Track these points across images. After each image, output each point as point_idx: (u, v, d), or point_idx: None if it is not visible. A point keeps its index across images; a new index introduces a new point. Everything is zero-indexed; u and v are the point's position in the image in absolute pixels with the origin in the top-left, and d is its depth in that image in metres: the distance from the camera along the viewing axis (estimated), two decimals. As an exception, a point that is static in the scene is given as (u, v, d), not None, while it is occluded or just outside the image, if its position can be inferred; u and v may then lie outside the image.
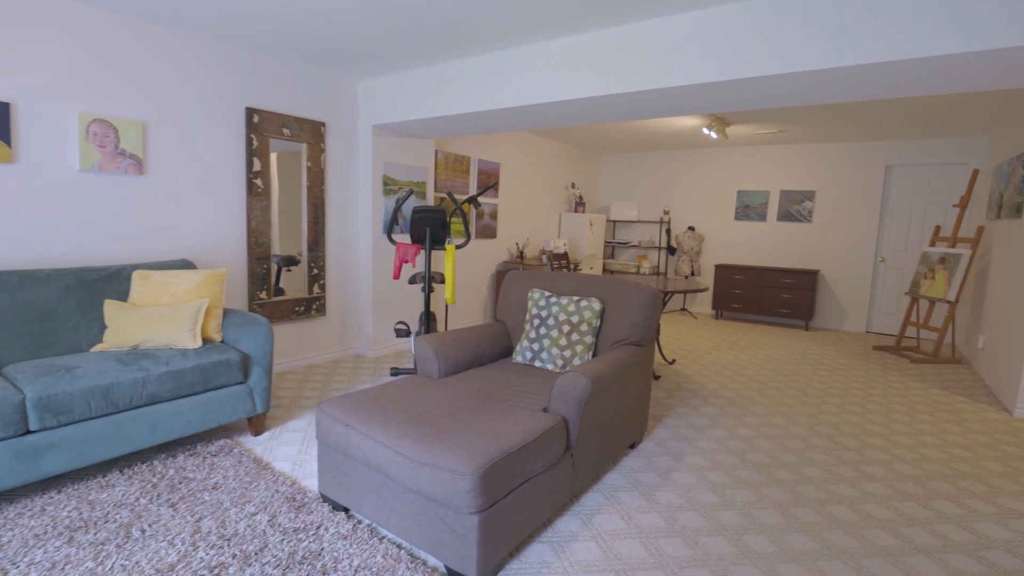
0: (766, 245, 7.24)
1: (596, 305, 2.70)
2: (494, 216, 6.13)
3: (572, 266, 6.81)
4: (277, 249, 3.99)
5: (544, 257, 4.72)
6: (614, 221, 8.27)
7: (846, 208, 6.67)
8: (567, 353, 2.69)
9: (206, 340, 2.86)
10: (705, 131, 5.27)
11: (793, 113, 5.12)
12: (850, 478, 2.67)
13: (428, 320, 3.37)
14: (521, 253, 6.26)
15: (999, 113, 4.71)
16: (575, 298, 2.77)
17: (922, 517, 2.34)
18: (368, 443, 1.91)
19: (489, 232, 6.09)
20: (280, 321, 4.01)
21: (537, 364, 2.78)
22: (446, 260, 3.25)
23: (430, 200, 4.99)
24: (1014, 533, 2.25)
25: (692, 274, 7.45)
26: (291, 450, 2.75)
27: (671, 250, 7.70)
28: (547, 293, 2.86)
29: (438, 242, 3.29)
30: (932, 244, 5.64)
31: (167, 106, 3.28)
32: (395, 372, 3.91)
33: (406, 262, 3.26)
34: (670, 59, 2.81)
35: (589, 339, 2.69)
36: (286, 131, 3.89)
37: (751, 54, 2.55)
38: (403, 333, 3.62)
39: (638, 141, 7.05)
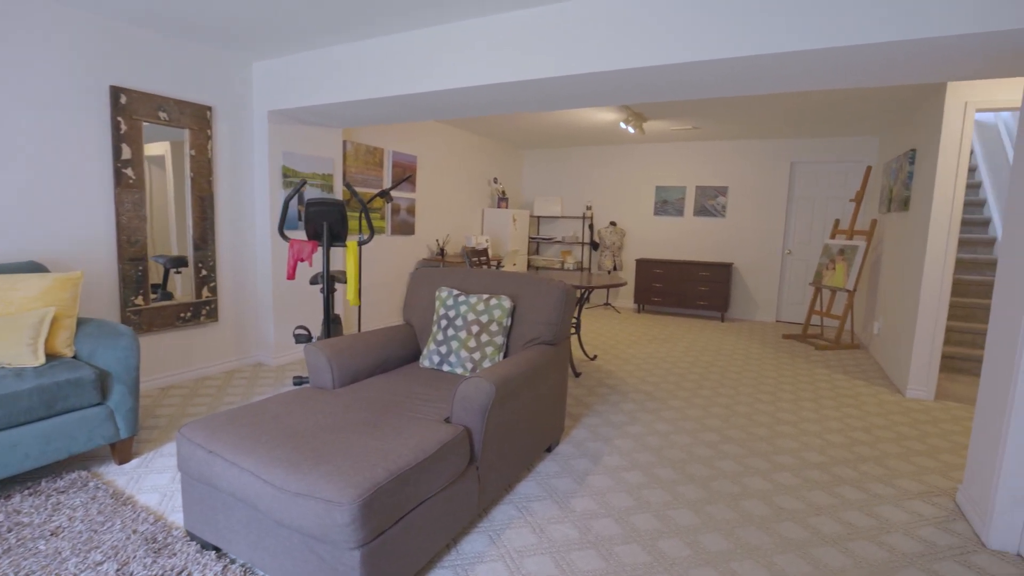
0: (684, 239, 7.42)
1: (507, 303, 2.53)
2: (411, 211, 5.85)
3: (495, 263, 6.65)
4: (160, 249, 3.53)
5: (463, 253, 4.52)
6: (538, 217, 8.20)
7: (756, 203, 6.95)
8: (477, 355, 2.51)
9: (53, 356, 2.44)
10: (623, 125, 5.27)
11: (706, 110, 5.22)
12: (762, 469, 2.68)
13: (329, 324, 3.08)
14: (442, 250, 6.02)
15: (887, 114, 5.02)
16: (485, 296, 2.59)
17: (828, 505, 2.36)
18: (233, 472, 1.64)
19: (407, 228, 5.80)
20: (162, 329, 3.56)
21: (445, 368, 2.58)
22: (347, 258, 2.97)
23: (337, 194, 4.65)
24: (909, 514, 2.31)
25: (615, 269, 7.52)
26: (162, 479, 2.39)
27: (594, 245, 7.73)
28: (456, 292, 2.67)
29: (338, 238, 3.00)
30: (832, 237, 5.96)
31: (13, 81, 2.78)
32: (298, 381, 3.57)
33: (302, 260, 2.95)
34: (582, 44, 2.69)
35: (500, 339, 2.52)
36: (163, 115, 3.44)
37: (653, 43, 2.48)
38: (304, 338, 3.30)
39: (560, 136, 7.00)
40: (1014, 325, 2.08)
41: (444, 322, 2.61)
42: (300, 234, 4.27)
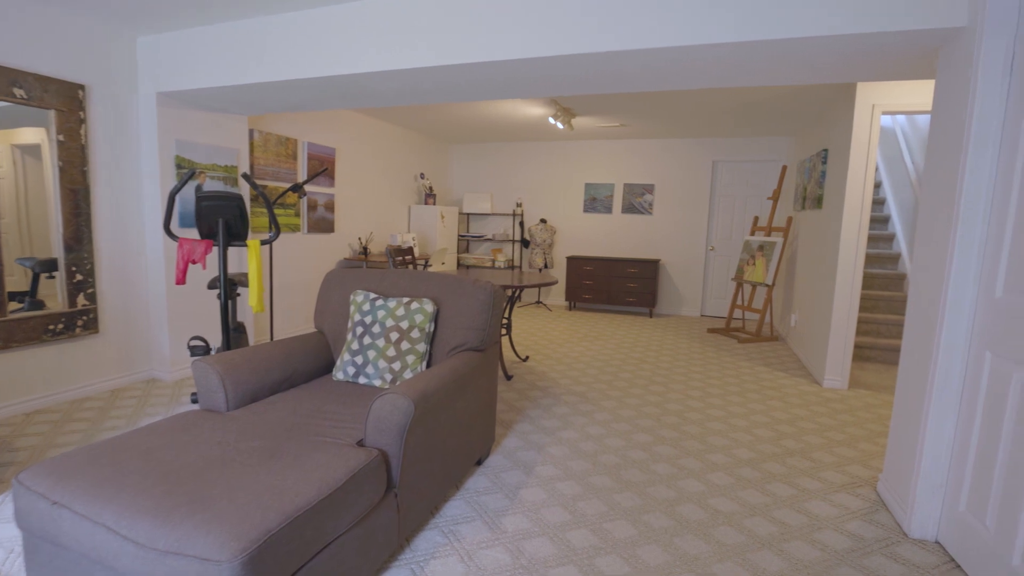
0: (613, 237, 7.47)
1: (429, 307, 2.32)
2: (330, 207, 5.46)
3: (423, 262, 6.38)
4: (39, 250, 3.01)
5: (387, 253, 4.24)
6: (467, 214, 7.99)
7: (681, 201, 7.10)
8: (397, 365, 2.27)
9: None
10: (552, 121, 5.17)
11: (633, 108, 5.22)
12: (696, 470, 2.63)
13: (229, 334, 2.72)
14: (365, 249, 5.68)
15: (800, 116, 5.24)
16: (405, 300, 2.36)
17: (761, 504, 2.33)
18: (85, 527, 1.32)
19: (325, 226, 5.41)
20: (25, 345, 3.03)
21: (362, 380, 2.33)
22: (249, 259, 2.63)
23: (244, 188, 4.22)
24: (837, 508, 2.32)
25: (546, 267, 7.45)
26: (5, 532, 1.98)
27: (525, 243, 7.62)
28: (372, 295, 2.42)
29: (237, 236, 2.66)
30: (752, 233, 6.17)
31: None
32: (197, 398, 3.17)
33: (194, 263, 2.58)
34: (503, 29, 2.52)
35: (422, 347, 2.30)
36: (19, 91, 2.92)
37: (576, 29, 2.35)
38: (201, 350, 2.92)
39: (489, 130, 6.82)
40: (930, 321, 2.12)
41: (360, 329, 2.35)
42: (194, 232, 3.82)
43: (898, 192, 5.64)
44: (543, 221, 7.44)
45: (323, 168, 4.33)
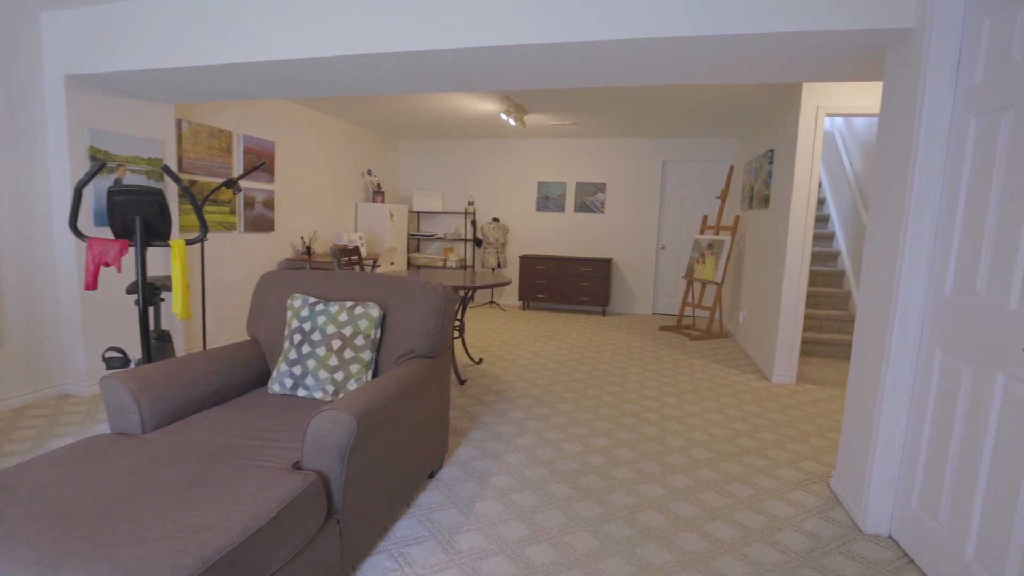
0: (566, 235, 7.44)
1: (374, 312, 2.15)
2: (270, 205, 5.14)
3: (371, 263, 6.13)
4: None
5: (331, 253, 4.00)
6: (418, 212, 7.77)
7: (632, 200, 7.14)
8: (339, 375, 2.09)
9: None
10: (504, 117, 5.06)
11: (585, 106, 5.18)
12: (655, 473, 2.57)
13: (149, 344, 2.45)
14: (308, 249, 5.38)
15: (746, 117, 5.35)
16: (348, 304, 2.18)
17: (721, 507, 2.29)
18: (-51, 587, 1.09)
19: (264, 224, 5.09)
20: (-96, 360, 2.64)
21: (301, 393, 2.13)
22: (172, 261, 2.37)
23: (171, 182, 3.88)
24: (794, 507, 2.32)
25: (499, 266, 7.33)
26: None
27: (477, 242, 7.48)
28: (312, 299, 2.22)
29: (158, 236, 2.39)
30: (701, 232, 6.27)
31: None
32: (115, 415, 2.85)
33: (107, 265, 2.30)
34: (448, 15, 2.37)
35: (367, 355, 2.13)
36: None
37: (523, 18, 2.24)
38: (118, 363, 2.62)
39: (439, 126, 6.63)
40: (881, 319, 2.14)
41: (298, 336, 2.16)
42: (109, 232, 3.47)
43: (837, 193, 5.86)
44: (496, 220, 7.32)
45: (260, 162, 4.05)
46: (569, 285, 6.97)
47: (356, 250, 4.35)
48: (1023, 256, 1.53)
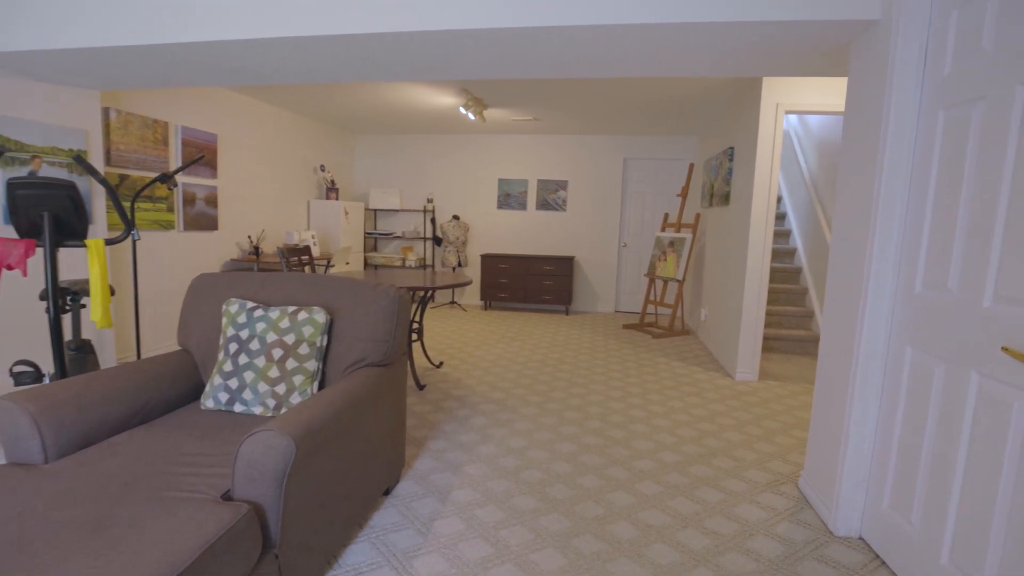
0: (527, 233, 7.32)
1: (320, 317, 1.95)
2: (212, 202, 4.81)
3: (325, 262, 5.85)
4: None
5: (278, 252, 3.75)
6: (375, 210, 7.50)
7: (594, 197, 7.09)
8: (281, 388, 1.90)
9: None
10: (463, 111, 4.89)
11: (545, 101, 5.06)
12: (624, 480, 2.47)
13: (62, 356, 2.17)
14: (256, 249, 5.08)
15: (706, 114, 5.35)
16: (291, 309, 1.98)
17: (692, 513, 2.21)
18: None
19: (207, 223, 4.76)
20: None
21: (238, 408, 1.92)
22: (90, 263, 2.11)
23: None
24: (765, 510, 2.26)
25: (459, 265, 7.16)
26: None
27: (437, 241, 7.28)
28: (250, 304, 2.01)
29: (72, 234, 2.12)
30: (662, 229, 6.27)
31: None
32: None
33: (10, 268, 2.02)
34: (404, -7, 2.20)
35: (312, 365, 1.94)
36: None
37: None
38: (30, 378, 2.33)
39: (397, 121, 6.40)
40: (850, 316, 2.10)
41: (234, 346, 1.94)
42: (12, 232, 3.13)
43: (793, 190, 5.95)
44: (456, 218, 7.14)
45: (199, 155, 3.75)
46: (531, 284, 6.86)
47: (307, 250, 4.10)
48: (996, 252, 1.49)
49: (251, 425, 1.83)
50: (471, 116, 5.10)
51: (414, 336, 4.03)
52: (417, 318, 4.62)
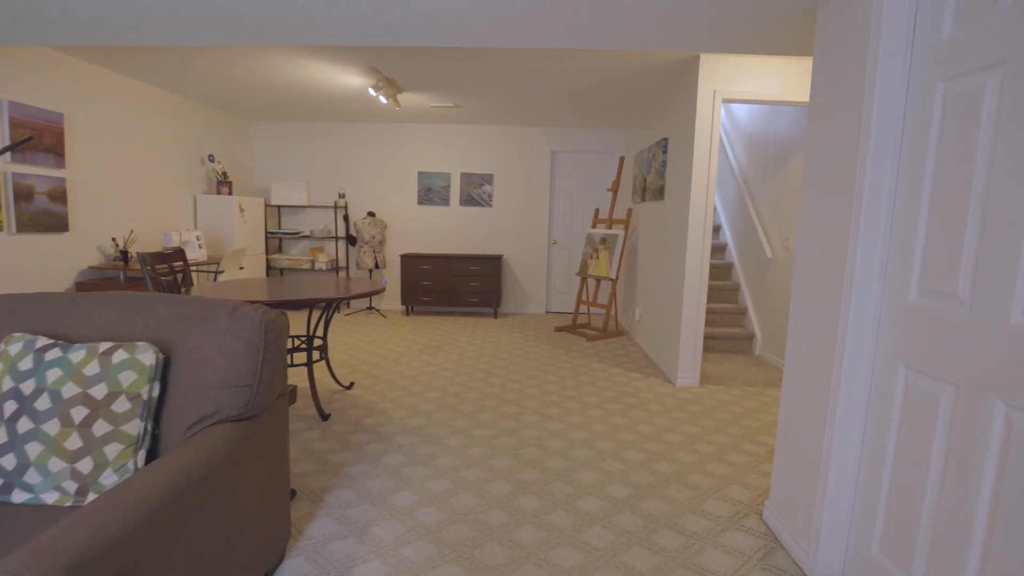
0: (451, 231, 6.81)
1: (147, 357, 1.37)
2: (59, 197, 3.92)
3: (214, 267, 5.04)
4: None
5: (139, 259, 3.03)
6: (278, 206, 6.68)
7: (521, 192, 6.70)
8: (86, 464, 1.30)
9: None
10: (372, 92, 4.30)
11: (465, 87, 4.58)
12: (569, 529, 2.06)
13: None
14: (124, 254, 4.22)
15: (635, 105, 5.08)
16: (104, 347, 1.38)
17: (653, 570, 1.83)
18: None
19: (53, 223, 3.86)
20: None
21: (18, 498, 1.30)
22: None
23: None
24: (733, 556, 1.92)
25: (377, 267, 6.52)
26: None
27: (351, 240, 6.60)
28: (42, 341, 1.39)
29: None
30: (594, 226, 5.97)
31: None
32: None
33: None
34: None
35: (136, 426, 1.35)
36: None
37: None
38: None
39: (301, 105, 5.65)
40: (827, 330, 1.79)
41: (11, 405, 1.32)
42: None
43: (722, 184, 5.85)
44: (371, 215, 6.49)
45: (26, 137, 2.94)
46: (457, 285, 6.36)
47: (178, 254, 3.37)
48: (1027, 253, 1.19)
49: (37, 523, 1.23)
50: (383, 99, 4.52)
51: (317, 355, 3.43)
52: (320, 333, 3.95)
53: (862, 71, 1.66)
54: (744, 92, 3.55)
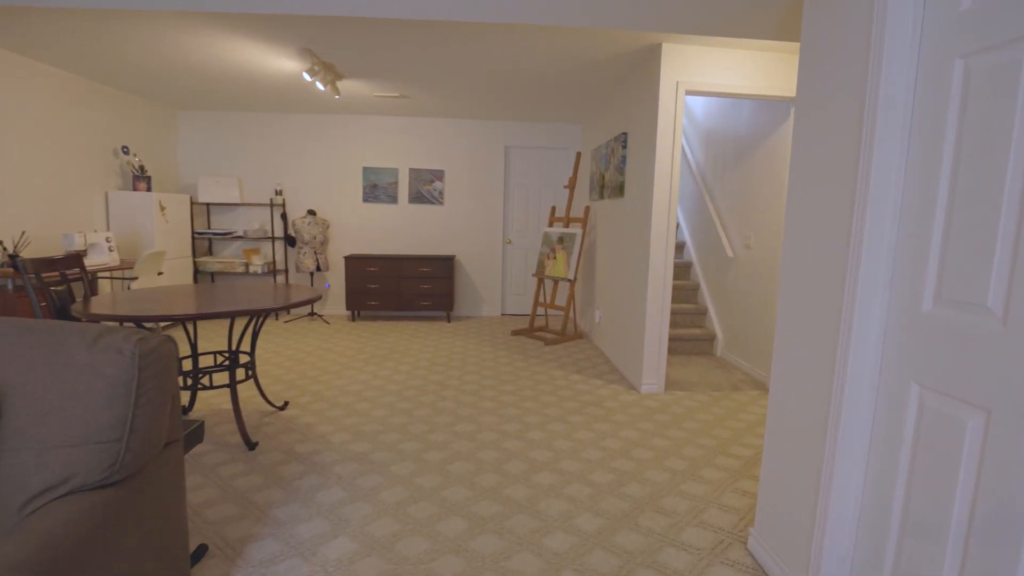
0: (400, 231, 6.42)
1: (-43, 411, 0.99)
2: (-75, 192, 3.30)
3: (123, 275, 4.48)
4: None
5: (18, 267, 2.53)
6: (207, 204, 6.09)
7: (474, 189, 6.38)
8: None
9: None
10: (307, 77, 3.88)
11: (411, 76, 4.22)
12: (535, 574, 1.78)
13: None
14: (13, 259, 3.63)
15: (589, 98, 4.88)
16: None
17: (634, 625, 1.58)
18: None
19: (-84, 222, 3.25)
20: None
21: None
22: None
23: None
24: (721, 598, 1.70)
25: (318, 270, 6.05)
26: None
27: (290, 241, 6.10)
28: None
29: None
30: (550, 224, 5.74)
31: None
32: None
33: None
34: None
35: (-60, 510, 0.97)
36: None
37: None
38: None
39: (231, 93, 5.12)
40: (826, 345, 1.59)
41: None
42: None
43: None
44: (312, 213, 6.01)
45: None
46: (407, 288, 5.98)
47: (73, 259, 2.87)
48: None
49: None
50: (320, 86, 4.10)
51: (246, 372, 2.99)
52: (247, 348, 3.45)
53: (864, 51, 1.46)
54: (707, 84, 3.38)
